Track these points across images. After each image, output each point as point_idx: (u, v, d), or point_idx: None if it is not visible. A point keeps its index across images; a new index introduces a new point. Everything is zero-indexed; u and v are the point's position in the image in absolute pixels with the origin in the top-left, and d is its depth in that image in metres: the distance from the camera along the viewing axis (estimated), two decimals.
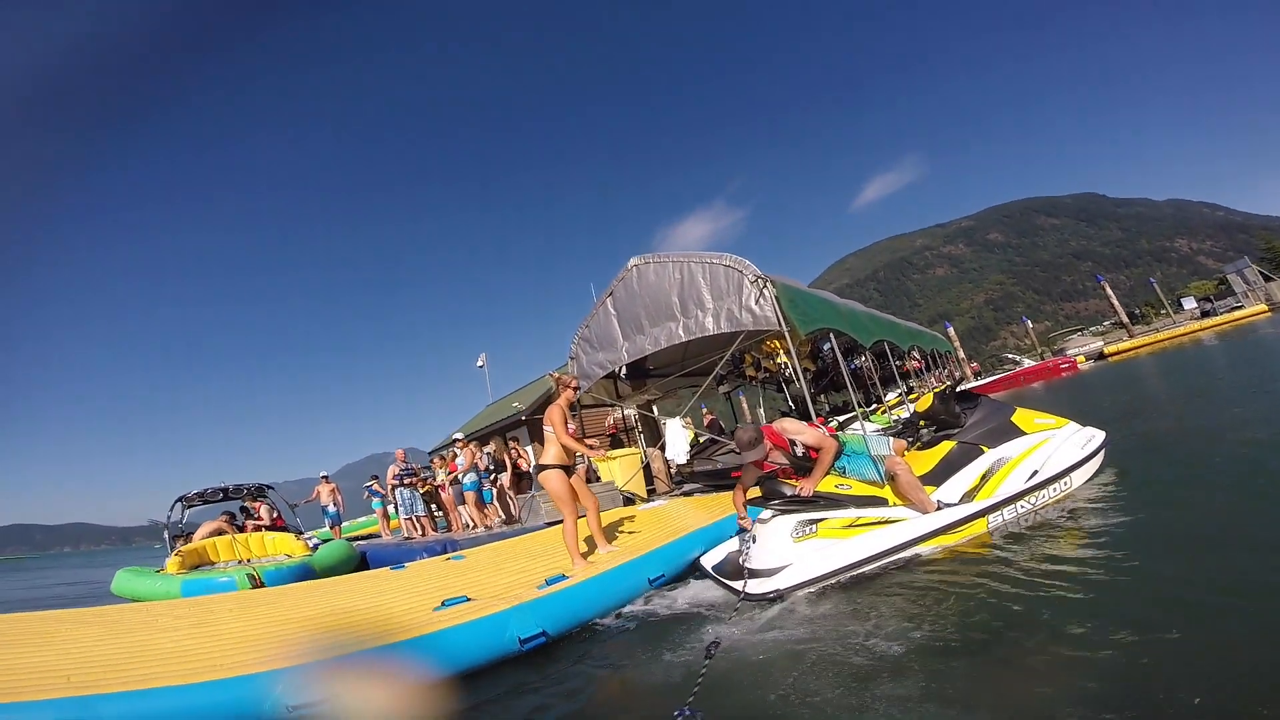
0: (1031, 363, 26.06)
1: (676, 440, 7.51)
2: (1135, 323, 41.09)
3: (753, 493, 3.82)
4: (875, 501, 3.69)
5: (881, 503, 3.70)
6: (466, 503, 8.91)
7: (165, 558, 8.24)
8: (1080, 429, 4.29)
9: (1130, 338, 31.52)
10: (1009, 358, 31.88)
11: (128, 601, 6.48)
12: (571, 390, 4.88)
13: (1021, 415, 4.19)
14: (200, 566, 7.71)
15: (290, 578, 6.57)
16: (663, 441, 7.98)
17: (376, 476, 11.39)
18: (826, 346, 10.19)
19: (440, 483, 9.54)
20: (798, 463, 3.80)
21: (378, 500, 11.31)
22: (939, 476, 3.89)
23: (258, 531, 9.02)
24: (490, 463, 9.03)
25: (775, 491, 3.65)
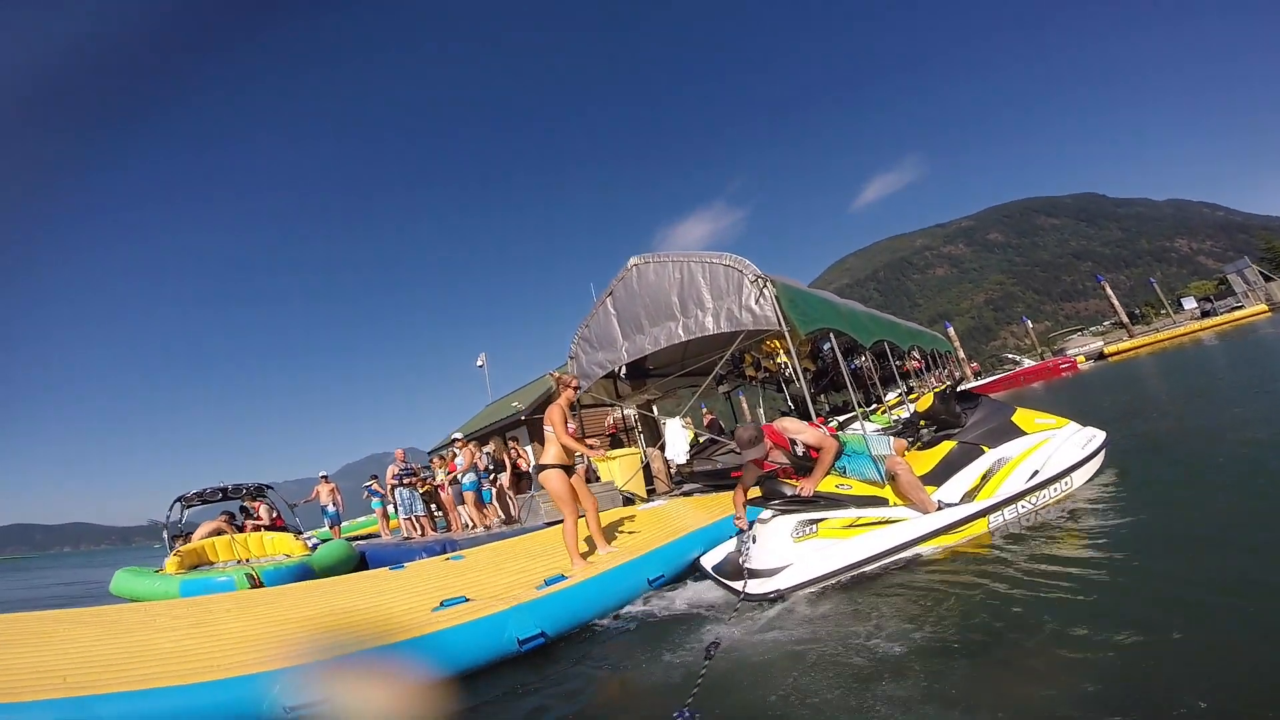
0: (1031, 363, 26.05)
1: (676, 440, 7.50)
2: (1135, 323, 41.10)
3: (753, 492, 3.81)
4: (876, 501, 3.68)
5: (882, 503, 3.69)
6: (466, 503, 8.91)
7: (164, 558, 8.22)
8: (1081, 429, 4.29)
9: (1130, 338, 31.52)
10: (1009, 358, 31.85)
11: (126, 601, 6.47)
12: (571, 390, 4.88)
13: (1022, 415, 4.18)
14: (199, 566, 7.70)
15: (289, 578, 6.56)
16: (662, 441, 7.98)
17: (376, 476, 11.38)
18: (826, 346, 10.19)
19: (440, 483, 9.53)
20: (798, 462, 3.79)
21: (377, 500, 11.30)
22: (939, 476, 3.89)
23: (257, 531, 9.01)
24: (490, 463, 9.03)
25: (775, 491, 3.65)
